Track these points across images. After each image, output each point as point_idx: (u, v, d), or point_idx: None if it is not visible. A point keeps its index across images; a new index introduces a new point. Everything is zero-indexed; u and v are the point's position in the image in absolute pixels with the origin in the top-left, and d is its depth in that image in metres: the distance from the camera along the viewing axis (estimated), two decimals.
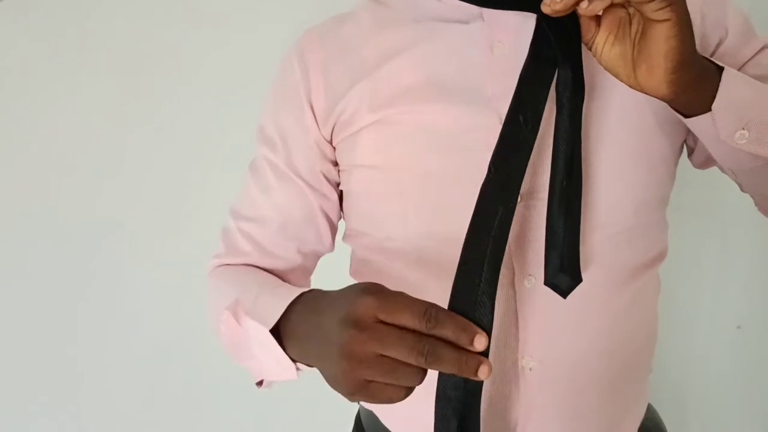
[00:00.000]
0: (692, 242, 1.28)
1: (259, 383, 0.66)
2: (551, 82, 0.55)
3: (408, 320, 0.44)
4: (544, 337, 0.63)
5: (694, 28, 0.53)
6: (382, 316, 0.44)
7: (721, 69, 0.52)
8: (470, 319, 0.46)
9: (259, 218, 0.72)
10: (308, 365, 0.54)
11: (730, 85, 0.52)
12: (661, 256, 0.69)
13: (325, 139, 0.69)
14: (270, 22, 1.11)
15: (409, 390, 0.46)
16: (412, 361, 0.43)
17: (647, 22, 0.48)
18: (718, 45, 0.62)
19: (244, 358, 0.60)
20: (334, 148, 0.69)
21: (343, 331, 0.45)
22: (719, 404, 1.36)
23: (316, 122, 0.68)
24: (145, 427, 1.28)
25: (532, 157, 0.56)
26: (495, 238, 0.52)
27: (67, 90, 1.14)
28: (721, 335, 1.32)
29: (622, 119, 0.61)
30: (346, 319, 0.45)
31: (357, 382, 0.45)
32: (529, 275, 0.61)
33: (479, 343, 0.44)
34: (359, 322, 0.44)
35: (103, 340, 1.23)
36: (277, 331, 0.54)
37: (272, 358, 0.55)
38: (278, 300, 0.55)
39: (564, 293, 0.60)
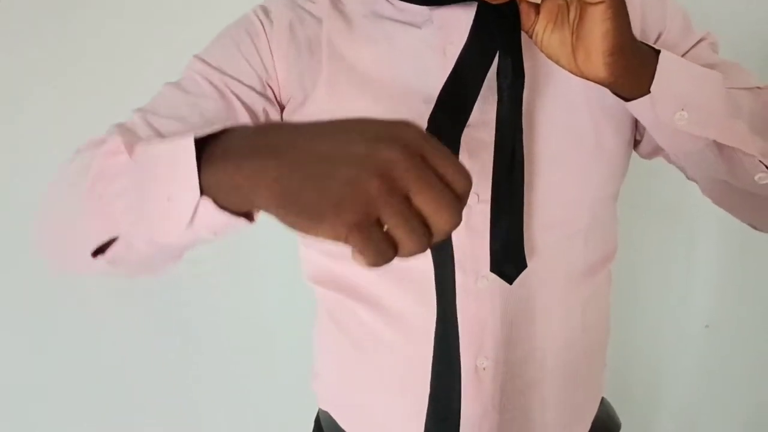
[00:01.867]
0: (660, 242, 1.29)
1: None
2: (489, 67, 0.55)
3: (448, 170, 0.35)
4: (499, 338, 0.63)
5: (635, 25, 0.53)
6: (429, 153, 0.35)
7: (658, 52, 0.53)
8: None
9: (177, 116, 0.59)
10: (242, 193, 0.37)
11: (668, 66, 0.52)
12: (613, 252, 0.70)
13: (280, 98, 0.64)
14: None
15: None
16: (433, 212, 0.34)
17: (584, 6, 0.49)
18: (657, 40, 0.63)
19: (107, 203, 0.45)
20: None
21: (382, 146, 0.34)
22: (688, 402, 1.37)
23: (278, 81, 0.63)
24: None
25: (475, 159, 0.56)
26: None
27: (59, 89, 1.12)
28: (690, 334, 1.34)
29: (572, 118, 0.62)
30: (389, 135, 0.35)
31: (368, 204, 0.33)
32: (482, 276, 0.61)
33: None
34: (408, 146, 0.34)
35: (99, 339, 1.21)
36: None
37: (171, 178, 0.40)
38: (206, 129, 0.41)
39: (510, 280, 0.60)
